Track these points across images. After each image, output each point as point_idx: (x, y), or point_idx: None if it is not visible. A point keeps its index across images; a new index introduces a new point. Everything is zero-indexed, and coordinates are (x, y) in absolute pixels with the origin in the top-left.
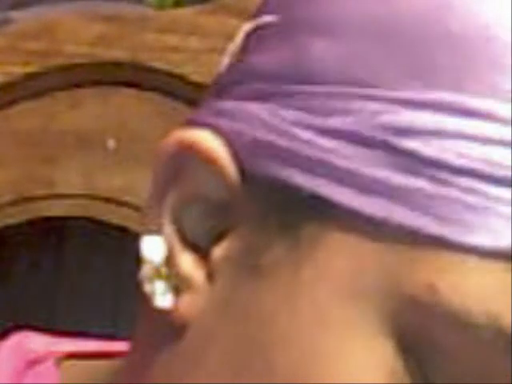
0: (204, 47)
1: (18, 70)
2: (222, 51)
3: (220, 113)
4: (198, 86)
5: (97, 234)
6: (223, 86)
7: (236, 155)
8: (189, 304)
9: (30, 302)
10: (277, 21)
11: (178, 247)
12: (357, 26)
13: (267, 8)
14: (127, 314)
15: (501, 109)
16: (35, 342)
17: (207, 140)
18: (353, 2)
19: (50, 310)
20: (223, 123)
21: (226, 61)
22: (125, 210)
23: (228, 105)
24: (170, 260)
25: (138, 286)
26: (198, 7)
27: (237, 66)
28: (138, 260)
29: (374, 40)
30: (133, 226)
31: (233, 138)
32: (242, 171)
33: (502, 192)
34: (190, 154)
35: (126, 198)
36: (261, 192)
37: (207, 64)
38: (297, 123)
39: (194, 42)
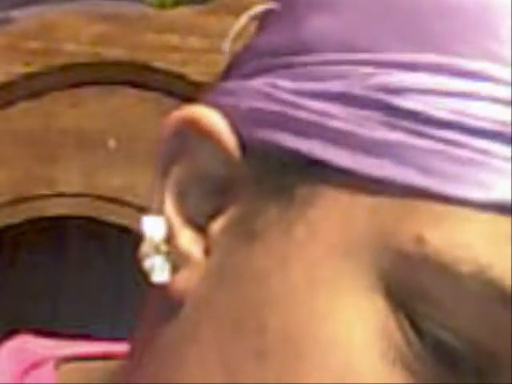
0: (204, 47)
1: (19, 70)
2: (222, 50)
3: (222, 92)
4: (198, 86)
5: (97, 234)
6: (228, 70)
7: (235, 129)
8: (186, 279)
9: (31, 302)
10: (278, 6)
11: (178, 224)
12: (350, 1)
13: None
14: (127, 313)
15: (490, 69)
16: (35, 345)
17: (207, 115)
18: None
19: (51, 309)
20: (223, 100)
21: (227, 46)
22: (125, 210)
23: (230, 84)
24: (169, 237)
25: (138, 286)
26: (198, 7)
27: (242, 49)
28: (138, 260)
29: (368, 9)
30: (133, 225)
31: (232, 112)
32: (242, 146)
33: (491, 146)
34: (191, 130)
35: (127, 198)
36: (257, 161)
37: (207, 63)
38: (291, 90)
39: (194, 42)
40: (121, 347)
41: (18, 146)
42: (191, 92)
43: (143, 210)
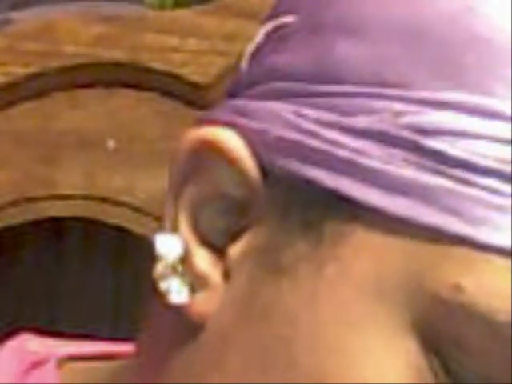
0: (204, 48)
1: (18, 71)
2: (221, 52)
3: (240, 112)
4: (198, 87)
5: (97, 234)
6: (242, 86)
7: (257, 154)
8: (205, 302)
9: (30, 302)
10: (298, 21)
11: (193, 245)
12: (382, 27)
13: (284, 8)
14: (127, 314)
15: None
16: (36, 344)
17: (229, 138)
18: (380, 3)
19: (51, 310)
20: (244, 122)
21: (244, 62)
22: (125, 211)
23: (249, 104)
24: (185, 258)
25: (138, 286)
26: (198, 8)
27: (256, 66)
28: (137, 260)
29: (399, 41)
30: (133, 226)
31: (254, 137)
32: (263, 170)
33: None
34: (210, 151)
35: (126, 199)
36: (282, 191)
37: (207, 65)
38: (321, 122)
39: (193, 43)
40: (121, 347)
41: (18, 146)
42: (191, 93)
43: (143, 210)
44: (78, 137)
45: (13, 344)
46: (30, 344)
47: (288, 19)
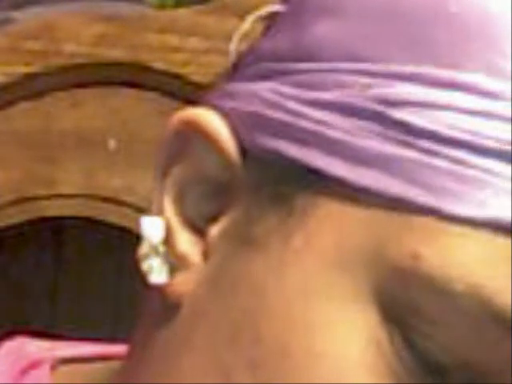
0: (204, 47)
1: (19, 70)
2: (222, 51)
3: (224, 94)
4: (199, 86)
5: (97, 234)
6: (233, 71)
7: (237, 134)
8: (183, 282)
9: (30, 302)
10: (284, 8)
11: (177, 226)
12: (357, 6)
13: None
14: (128, 313)
15: (492, 83)
16: (32, 346)
17: (209, 118)
18: None
19: (51, 310)
20: (226, 103)
21: (233, 46)
22: (125, 210)
23: (233, 86)
24: (168, 239)
25: (138, 285)
26: (199, 7)
27: (248, 52)
28: (138, 260)
29: (373, 18)
30: (133, 226)
31: (234, 116)
32: (243, 150)
33: (490, 163)
34: (192, 132)
35: (127, 198)
36: (257, 167)
37: (207, 64)
38: (292, 97)
39: (194, 42)
40: (120, 348)
41: (18, 146)
42: (191, 93)
43: (143, 210)
44: (78, 136)
45: (9, 345)
46: (27, 346)
47: (278, 7)
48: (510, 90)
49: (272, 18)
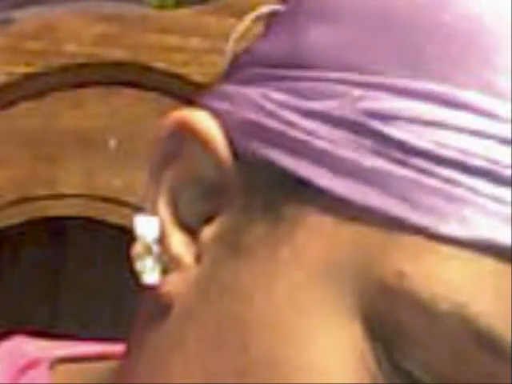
0: (205, 47)
1: (19, 70)
2: (223, 51)
3: (218, 95)
4: (199, 86)
5: (98, 234)
6: (229, 71)
7: (229, 137)
8: (176, 283)
9: (31, 302)
10: (281, 10)
11: (170, 227)
12: (350, 14)
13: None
14: (128, 313)
15: (485, 102)
16: (30, 346)
17: (203, 120)
18: None
19: (51, 309)
20: (219, 105)
21: (229, 46)
22: (126, 210)
23: (227, 88)
24: (161, 239)
25: (138, 285)
26: (199, 7)
27: (244, 53)
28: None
29: (366, 27)
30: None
31: (227, 119)
32: (236, 154)
33: (479, 183)
34: (186, 133)
35: (127, 198)
36: (249, 173)
37: (208, 64)
38: (284, 105)
39: (195, 42)
40: (118, 347)
41: (19, 146)
42: (192, 93)
43: (143, 210)
44: (79, 136)
45: (8, 345)
46: (25, 345)
47: (277, 7)
48: (503, 109)
49: (271, 17)
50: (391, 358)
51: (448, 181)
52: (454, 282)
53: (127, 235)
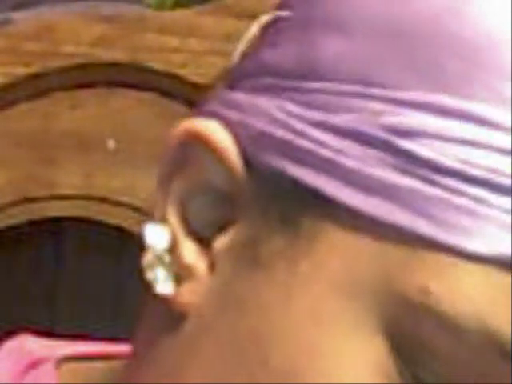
0: (204, 48)
1: (18, 71)
2: (221, 52)
3: (229, 104)
4: (198, 87)
5: (96, 235)
6: (235, 77)
7: (242, 147)
8: (189, 293)
9: (30, 303)
10: (290, 16)
11: (181, 236)
12: (367, 26)
13: (281, 4)
14: (127, 313)
15: (501, 116)
16: (35, 345)
17: (215, 130)
18: (366, 1)
19: (50, 310)
20: (232, 115)
21: (239, 52)
22: (124, 211)
23: (238, 97)
24: (172, 248)
25: (137, 286)
26: (198, 8)
27: (250, 59)
28: (137, 260)
29: (383, 40)
30: (132, 226)
31: (240, 130)
32: (248, 163)
33: (501, 199)
34: (197, 143)
35: (126, 199)
36: (264, 184)
37: (207, 65)
38: (302, 119)
39: (193, 43)
40: (121, 347)
41: (18, 147)
42: (191, 94)
43: (142, 211)
44: (77, 137)
45: (12, 344)
46: (29, 344)
47: (283, 13)
48: None
49: (275, 25)
50: (412, 371)
51: (470, 197)
52: (478, 299)
53: (126, 236)
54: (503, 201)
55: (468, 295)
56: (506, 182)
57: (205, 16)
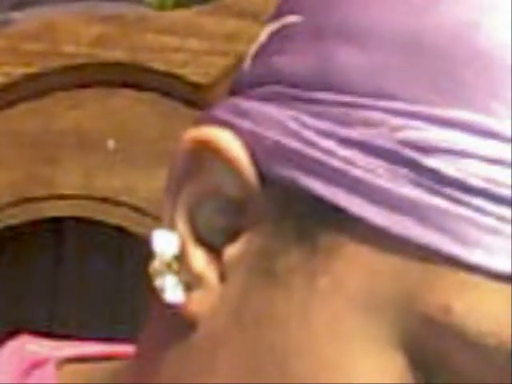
0: (204, 48)
1: (19, 71)
2: (221, 52)
3: (240, 113)
4: (198, 87)
5: (96, 235)
6: (244, 85)
7: (255, 157)
8: (200, 301)
9: (30, 303)
10: (302, 22)
11: (190, 243)
12: (385, 38)
13: (289, 7)
14: (127, 314)
15: None
16: (36, 346)
17: (227, 140)
18: (383, 12)
19: (50, 310)
20: (243, 124)
21: (247, 59)
22: (124, 211)
23: (249, 105)
24: (181, 256)
25: (137, 286)
26: (198, 8)
27: (261, 65)
28: (137, 260)
29: (401, 53)
30: (132, 226)
31: (253, 140)
32: (260, 173)
33: None
34: (208, 151)
35: (126, 199)
36: (278, 196)
37: (207, 65)
38: (318, 131)
39: (193, 43)
40: (120, 348)
41: (18, 147)
42: (191, 94)
43: (142, 210)
44: (77, 137)
45: (13, 345)
46: (30, 345)
47: (292, 19)
48: None
49: (286, 31)
50: None
51: (488, 213)
52: (500, 316)
53: (125, 235)
54: None
55: (490, 313)
56: None
57: (205, 16)
